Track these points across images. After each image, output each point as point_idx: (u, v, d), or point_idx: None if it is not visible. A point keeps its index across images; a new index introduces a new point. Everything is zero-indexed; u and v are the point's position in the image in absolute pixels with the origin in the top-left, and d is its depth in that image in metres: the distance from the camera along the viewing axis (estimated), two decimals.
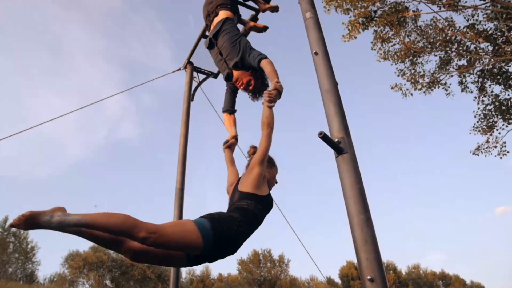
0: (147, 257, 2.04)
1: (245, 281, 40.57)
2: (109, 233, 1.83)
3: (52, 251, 54.71)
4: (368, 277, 1.45)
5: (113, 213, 1.79)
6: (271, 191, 2.58)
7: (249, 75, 3.00)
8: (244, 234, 2.21)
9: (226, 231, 2.02)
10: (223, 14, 3.25)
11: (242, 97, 3.30)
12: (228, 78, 3.19)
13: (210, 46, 3.30)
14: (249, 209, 2.28)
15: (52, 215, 1.71)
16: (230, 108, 3.34)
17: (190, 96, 5.35)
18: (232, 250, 2.16)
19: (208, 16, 3.39)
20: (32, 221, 1.67)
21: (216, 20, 3.25)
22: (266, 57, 2.75)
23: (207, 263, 2.25)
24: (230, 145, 3.09)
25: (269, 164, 2.66)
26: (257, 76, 3.02)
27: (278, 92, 2.54)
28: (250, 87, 3.04)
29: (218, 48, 3.15)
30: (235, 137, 3.17)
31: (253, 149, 2.86)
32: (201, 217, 2.09)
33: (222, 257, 2.15)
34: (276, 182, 2.74)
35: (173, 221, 2.06)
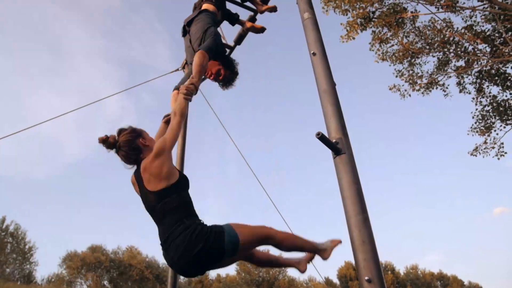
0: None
1: (244, 282, 40.55)
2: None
3: (50, 252, 54.61)
4: (366, 277, 1.45)
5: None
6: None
7: (218, 64, 3.02)
8: (199, 220, 2.08)
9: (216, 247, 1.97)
10: (204, 6, 3.30)
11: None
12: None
13: (184, 34, 3.34)
14: (179, 203, 2.06)
15: None
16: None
17: None
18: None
19: (194, 9, 3.47)
20: None
21: (197, 11, 3.29)
22: (205, 50, 2.65)
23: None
24: (168, 121, 2.82)
25: (136, 135, 2.35)
26: (226, 65, 3.02)
27: (195, 87, 2.45)
28: (220, 77, 3.06)
29: (189, 35, 3.17)
30: None
31: (107, 138, 2.38)
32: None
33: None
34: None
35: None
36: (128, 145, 2.30)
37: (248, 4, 3.87)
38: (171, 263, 2.03)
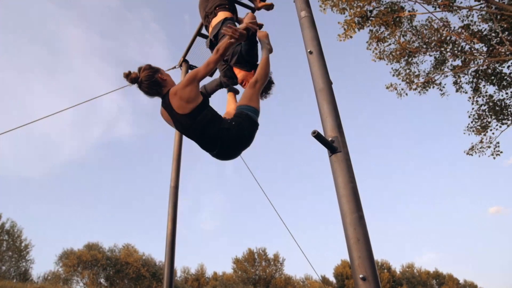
0: None
1: (240, 280, 40.58)
2: None
3: (46, 250, 54.46)
4: (361, 275, 1.46)
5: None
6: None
7: (254, 74, 3.02)
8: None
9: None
10: (222, 15, 3.27)
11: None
12: (226, 75, 3.23)
13: (211, 46, 3.33)
14: (210, 119, 2.44)
15: None
16: (208, 92, 3.42)
17: None
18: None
19: (206, 17, 3.40)
20: None
21: (215, 21, 3.26)
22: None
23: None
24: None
25: (153, 71, 2.57)
26: None
27: (246, 33, 2.64)
28: None
29: None
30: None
31: (131, 73, 2.60)
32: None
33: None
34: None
35: None
36: (149, 79, 2.54)
37: (245, 1, 3.87)
38: (230, 155, 2.57)
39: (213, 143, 2.43)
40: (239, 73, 3.11)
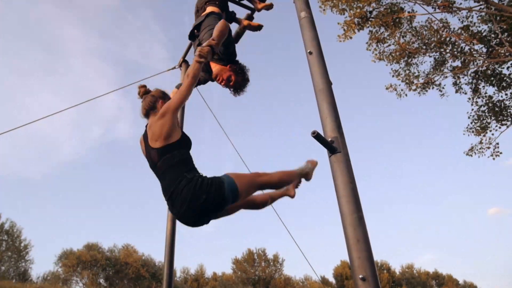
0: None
1: (240, 280, 40.57)
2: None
3: (45, 250, 54.39)
4: (360, 276, 1.46)
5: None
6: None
7: (228, 70, 3.01)
8: (200, 173, 2.24)
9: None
10: (210, 9, 3.31)
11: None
12: (204, 69, 3.18)
13: (192, 37, 3.34)
14: (179, 160, 2.21)
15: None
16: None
17: None
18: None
19: (197, 12, 3.47)
20: None
21: (203, 14, 3.30)
22: (225, 18, 2.71)
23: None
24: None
25: (163, 96, 2.58)
26: (237, 71, 3.02)
27: (212, 50, 2.41)
28: (231, 83, 3.05)
29: (199, 40, 3.17)
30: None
31: (144, 89, 2.68)
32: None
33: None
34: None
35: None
36: (150, 100, 2.53)
37: (245, 2, 3.88)
38: (178, 216, 2.19)
39: (168, 188, 2.17)
40: (214, 67, 3.08)
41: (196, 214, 2.11)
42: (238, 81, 3.03)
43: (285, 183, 2.46)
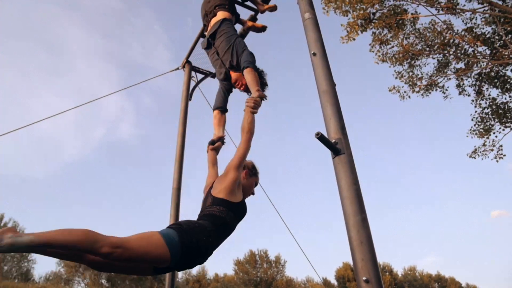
0: (112, 267, 1.99)
1: (241, 282, 40.51)
2: (69, 251, 1.73)
3: None
4: (364, 278, 1.45)
5: (71, 230, 1.65)
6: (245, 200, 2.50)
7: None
8: (214, 243, 2.15)
9: (195, 242, 1.96)
10: (221, 14, 3.27)
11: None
12: (225, 78, 3.18)
13: (208, 46, 3.30)
14: (220, 216, 2.22)
15: (1, 238, 1.52)
16: (222, 106, 3.23)
17: (188, 96, 5.34)
18: (201, 260, 2.11)
19: (205, 16, 3.42)
20: None
21: (214, 20, 3.27)
22: (250, 66, 2.74)
23: (177, 270, 2.27)
24: (216, 148, 2.97)
25: (249, 172, 2.57)
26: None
27: (261, 99, 2.56)
28: None
29: (215, 48, 3.15)
30: (222, 139, 3.05)
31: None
32: (168, 227, 2.01)
33: (191, 267, 2.09)
34: (253, 193, 2.61)
35: (139, 233, 1.89)
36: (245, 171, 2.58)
37: (248, 3, 3.87)
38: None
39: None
40: (233, 74, 3.09)
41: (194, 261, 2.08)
42: None
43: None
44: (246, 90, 3.06)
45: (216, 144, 2.96)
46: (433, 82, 12.42)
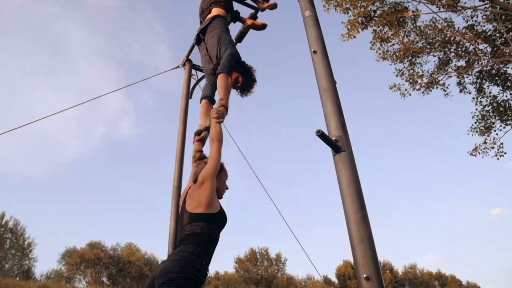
0: None
1: (242, 280, 40.60)
2: None
3: (49, 248, 54.67)
4: (364, 275, 1.45)
5: None
6: (222, 199, 2.44)
7: (236, 72, 2.99)
8: (207, 262, 2.14)
9: (196, 279, 1.98)
10: (215, 11, 3.29)
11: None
12: (213, 73, 3.15)
13: (198, 42, 3.32)
14: (203, 233, 2.15)
15: None
16: (210, 95, 3.17)
17: (189, 94, 5.34)
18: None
19: (202, 13, 3.45)
20: None
21: (208, 17, 3.28)
22: (224, 72, 2.66)
23: None
24: (203, 138, 2.83)
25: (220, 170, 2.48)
26: (244, 72, 3.01)
27: (225, 108, 2.51)
28: (239, 84, 3.04)
29: (205, 43, 3.16)
30: (209, 129, 2.82)
31: (199, 154, 2.68)
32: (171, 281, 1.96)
33: None
34: (227, 188, 2.53)
35: None
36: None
37: (249, 1, 3.86)
38: (152, 280, 2.09)
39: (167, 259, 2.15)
40: None
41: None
42: (245, 82, 3.03)
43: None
44: (235, 86, 3.05)
45: (202, 135, 2.83)
46: (434, 80, 12.41)
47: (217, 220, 2.26)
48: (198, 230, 2.15)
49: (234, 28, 4.38)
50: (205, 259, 2.10)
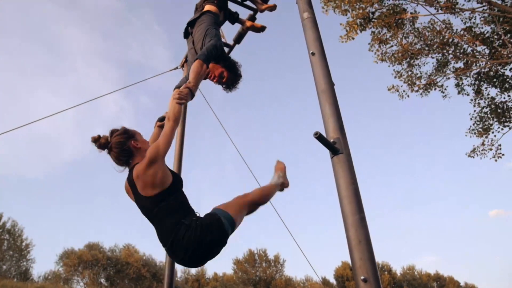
0: None
1: (240, 281, 40.55)
2: None
3: (46, 249, 54.44)
4: (362, 277, 1.45)
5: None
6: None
7: (221, 67, 2.99)
8: (193, 212, 2.20)
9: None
10: (206, 7, 3.32)
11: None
12: None
13: (186, 35, 3.34)
14: (172, 205, 2.11)
15: None
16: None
17: None
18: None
19: (196, 10, 3.47)
20: None
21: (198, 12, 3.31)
22: (201, 58, 2.62)
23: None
24: (162, 125, 2.75)
25: (130, 139, 2.34)
26: (229, 68, 3.00)
27: (190, 92, 2.43)
28: (223, 79, 3.02)
29: (192, 37, 3.19)
30: None
31: (102, 139, 2.38)
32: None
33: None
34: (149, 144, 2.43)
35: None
36: (120, 146, 2.30)
37: (248, 3, 3.87)
38: (183, 262, 2.12)
39: (166, 237, 2.07)
40: None
41: (203, 257, 2.09)
42: (230, 77, 3.01)
43: (268, 196, 2.51)
44: (220, 81, 3.04)
45: (162, 122, 2.74)
46: (432, 82, 12.44)
47: (177, 186, 2.20)
48: (171, 207, 2.11)
49: (233, 30, 4.39)
50: (194, 216, 2.14)
